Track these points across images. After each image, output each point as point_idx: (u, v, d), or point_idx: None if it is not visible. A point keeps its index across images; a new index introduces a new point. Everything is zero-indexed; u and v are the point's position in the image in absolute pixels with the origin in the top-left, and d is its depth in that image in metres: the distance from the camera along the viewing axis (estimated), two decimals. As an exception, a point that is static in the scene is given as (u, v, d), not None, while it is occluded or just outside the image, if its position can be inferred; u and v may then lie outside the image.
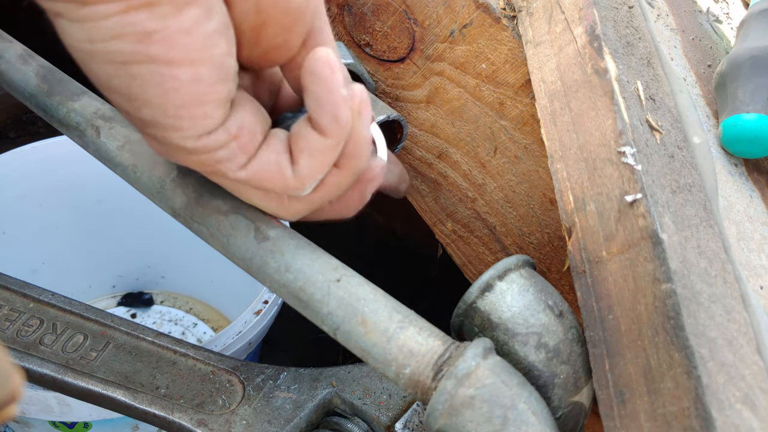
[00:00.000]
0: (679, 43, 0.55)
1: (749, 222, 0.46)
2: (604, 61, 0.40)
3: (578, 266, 0.38)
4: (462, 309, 0.38)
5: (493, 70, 0.49)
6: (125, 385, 0.49)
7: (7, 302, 0.53)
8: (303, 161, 0.33)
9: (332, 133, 0.32)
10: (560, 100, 0.43)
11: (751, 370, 0.32)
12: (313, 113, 0.32)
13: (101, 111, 0.46)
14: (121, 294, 1.01)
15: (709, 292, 0.34)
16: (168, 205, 0.41)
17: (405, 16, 0.52)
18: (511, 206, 0.52)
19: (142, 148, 0.43)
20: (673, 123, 0.42)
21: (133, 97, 0.30)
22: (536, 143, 0.49)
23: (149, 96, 0.29)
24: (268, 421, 0.48)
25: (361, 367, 0.51)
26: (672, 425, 0.31)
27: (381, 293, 0.37)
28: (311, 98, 0.32)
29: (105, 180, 0.81)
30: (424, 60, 0.52)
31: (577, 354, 0.37)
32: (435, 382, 0.34)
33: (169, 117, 0.30)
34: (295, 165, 0.34)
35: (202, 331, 0.97)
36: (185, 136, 0.31)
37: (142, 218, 0.90)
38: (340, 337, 0.36)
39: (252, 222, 0.38)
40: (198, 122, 0.31)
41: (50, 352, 0.50)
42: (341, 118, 0.32)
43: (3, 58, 0.50)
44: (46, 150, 0.84)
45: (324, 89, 0.31)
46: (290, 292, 0.37)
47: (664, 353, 0.32)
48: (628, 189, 0.36)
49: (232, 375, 0.51)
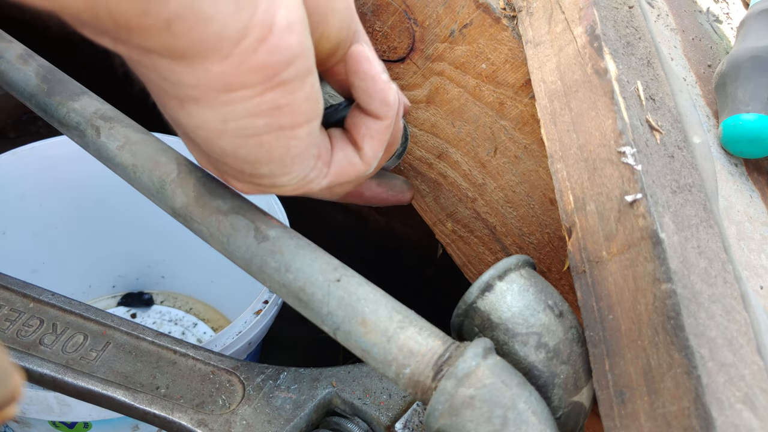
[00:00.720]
0: (679, 43, 0.55)
1: (749, 222, 0.46)
2: (604, 61, 0.40)
3: (578, 266, 0.38)
4: (462, 309, 0.38)
5: (493, 70, 0.49)
6: (125, 385, 0.49)
7: (7, 302, 0.53)
8: (367, 145, 0.38)
9: (385, 114, 0.37)
10: (560, 100, 0.43)
11: (751, 370, 0.32)
12: (365, 104, 0.37)
13: (101, 111, 0.46)
14: (121, 294, 1.00)
15: (709, 292, 0.34)
16: (168, 205, 0.41)
17: (405, 16, 0.52)
18: (511, 206, 0.52)
19: (142, 148, 0.43)
20: (673, 123, 0.42)
21: (256, 161, 0.33)
22: (536, 143, 0.49)
23: (272, 156, 0.33)
24: (268, 421, 0.48)
25: (361, 367, 0.51)
26: (672, 425, 0.31)
27: (381, 293, 0.37)
28: (361, 92, 0.36)
29: (105, 180, 0.81)
30: (424, 60, 0.52)
31: (577, 354, 0.37)
32: (435, 382, 0.34)
33: (286, 167, 0.34)
34: (360, 151, 0.38)
35: (202, 331, 0.97)
36: (293, 177, 0.35)
37: (142, 218, 0.90)
38: (340, 337, 0.36)
39: (252, 222, 0.38)
40: (306, 163, 0.35)
41: (50, 352, 0.50)
42: (389, 100, 0.36)
43: (3, 58, 0.50)
44: (46, 150, 0.84)
45: (370, 82, 0.36)
46: (290, 292, 0.37)
47: (664, 353, 0.32)
48: (628, 189, 0.36)
49: (232, 375, 0.51)
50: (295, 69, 0.30)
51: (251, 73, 0.29)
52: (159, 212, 0.45)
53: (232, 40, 0.27)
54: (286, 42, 0.29)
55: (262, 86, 0.29)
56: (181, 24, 0.26)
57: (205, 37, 0.27)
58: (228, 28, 0.27)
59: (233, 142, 0.32)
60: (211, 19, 0.26)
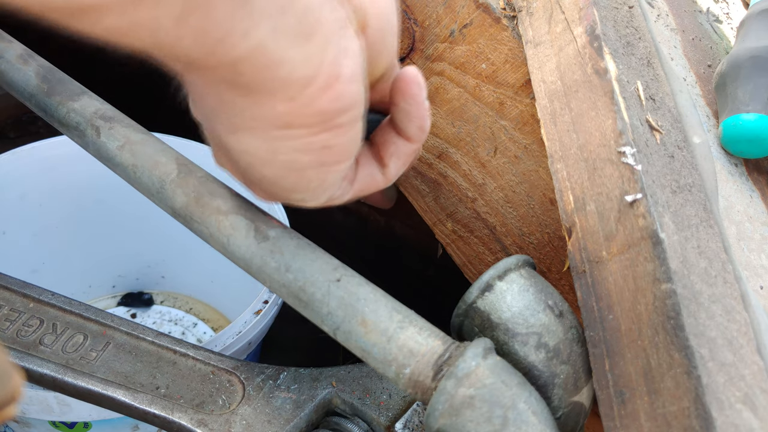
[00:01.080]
0: (679, 43, 0.55)
1: (749, 222, 0.46)
2: (604, 61, 0.40)
3: (578, 266, 0.38)
4: (462, 309, 0.38)
5: (493, 70, 0.49)
6: (125, 385, 0.49)
7: (7, 302, 0.53)
8: (392, 164, 0.39)
9: (418, 139, 0.38)
10: (560, 100, 0.43)
11: (751, 370, 0.32)
12: (402, 125, 0.37)
13: (101, 111, 0.46)
14: (121, 294, 1.00)
15: (709, 292, 0.34)
16: (168, 205, 0.41)
17: (405, 16, 0.52)
18: (511, 206, 0.52)
19: (142, 148, 0.43)
20: (673, 123, 0.42)
21: (293, 189, 0.34)
22: (536, 143, 0.49)
23: (309, 187, 0.33)
24: (268, 421, 0.48)
25: (361, 367, 0.51)
26: (672, 425, 0.31)
27: (381, 293, 0.37)
28: (401, 113, 0.37)
29: (105, 180, 0.81)
30: (424, 60, 0.52)
31: (577, 354, 0.37)
32: (435, 382, 0.34)
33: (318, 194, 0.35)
34: (385, 168, 0.39)
35: (202, 331, 0.97)
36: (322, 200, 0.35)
37: (142, 218, 0.90)
38: (340, 337, 0.36)
39: (252, 222, 0.38)
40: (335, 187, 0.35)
41: (50, 352, 0.50)
42: (425, 127, 0.37)
43: (3, 58, 0.50)
44: (46, 150, 0.84)
45: (414, 106, 0.36)
46: (290, 292, 0.37)
47: (664, 353, 0.32)
48: (628, 189, 0.36)
49: (232, 375, 0.51)
50: (351, 114, 0.31)
51: (312, 116, 0.29)
52: (159, 212, 0.45)
53: (299, 85, 0.28)
54: (348, 90, 0.29)
55: (318, 128, 0.30)
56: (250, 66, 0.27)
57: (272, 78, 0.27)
58: (296, 73, 0.28)
59: (277, 173, 0.32)
60: (280, 63, 0.27)
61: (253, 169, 0.33)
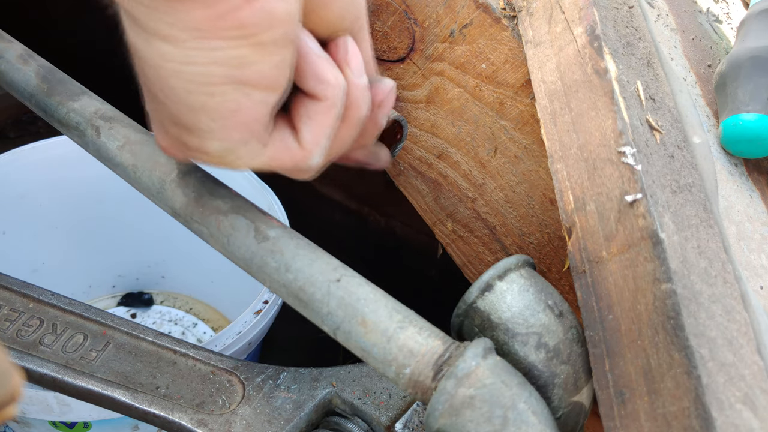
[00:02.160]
0: (679, 43, 0.55)
1: (749, 222, 0.46)
2: (604, 61, 0.40)
3: (578, 266, 0.38)
4: (462, 309, 0.38)
5: (493, 70, 0.49)
6: (125, 385, 0.49)
7: (7, 302, 0.53)
8: (305, 129, 0.34)
9: (323, 93, 0.34)
10: (560, 100, 0.43)
11: (751, 370, 0.32)
12: (298, 83, 0.34)
13: (101, 111, 0.46)
14: (121, 294, 1.01)
15: (709, 292, 0.34)
16: (168, 205, 0.41)
17: (405, 16, 0.52)
18: (511, 206, 0.52)
19: (142, 148, 0.43)
20: (673, 123, 0.42)
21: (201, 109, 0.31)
22: (536, 143, 0.49)
23: (218, 111, 0.31)
24: (268, 421, 0.48)
25: (361, 367, 0.51)
26: (672, 425, 0.31)
27: (381, 293, 0.37)
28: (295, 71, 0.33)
29: (105, 180, 0.81)
30: (424, 60, 0.52)
31: (577, 354, 0.37)
32: (435, 382, 0.34)
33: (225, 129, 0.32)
34: (298, 134, 0.35)
35: (202, 331, 0.97)
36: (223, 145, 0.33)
37: (142, 218, 0.90)
38: (340, 337, 0.36)
39: (252, 222, 0.38)
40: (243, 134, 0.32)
41: (50, 352, 0.50)
42: (324, 76, 0.33)
43: (3, 58, 0.50)
44: (46, 150, 0.84)
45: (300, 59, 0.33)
46: (290, 292, 0.37)
47: (664, 353, 0.32)
48: (628, 189, 0.36)
49: (232, 375, 0.51)
50: (274, 34, 0.29)
51: (231, 28, 0.28)
52: (159, 212, 0.45)
53: None
54: (275, 7, 0.28)
55: (238, 42, 0.29)
56: None
57: None
58: None
59: (186, 86, 0.30)
60: None
61: (162, 81, 0.31)
